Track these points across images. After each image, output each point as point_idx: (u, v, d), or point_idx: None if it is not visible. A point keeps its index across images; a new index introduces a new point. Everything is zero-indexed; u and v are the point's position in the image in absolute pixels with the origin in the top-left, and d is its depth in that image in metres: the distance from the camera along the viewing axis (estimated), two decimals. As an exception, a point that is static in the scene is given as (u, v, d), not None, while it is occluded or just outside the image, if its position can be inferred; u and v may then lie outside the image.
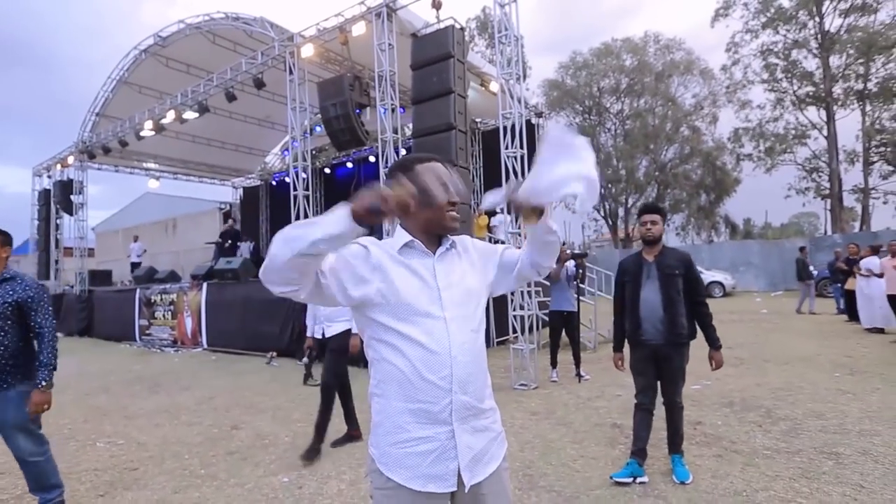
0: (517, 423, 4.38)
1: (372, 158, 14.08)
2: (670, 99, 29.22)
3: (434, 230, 1.31)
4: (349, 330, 3.86)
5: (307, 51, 8.63)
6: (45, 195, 15.41)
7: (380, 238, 1.37)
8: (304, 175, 9.28)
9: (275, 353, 8.22)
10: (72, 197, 14.30)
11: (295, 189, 9.00)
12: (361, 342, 1.37)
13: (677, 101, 29.33)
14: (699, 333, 3.13)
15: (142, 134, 11.97)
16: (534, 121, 12.22)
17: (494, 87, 8.59)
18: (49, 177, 15.51)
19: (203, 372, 7.73)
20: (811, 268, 11.63)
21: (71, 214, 14.52)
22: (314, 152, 15.49)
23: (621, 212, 30.41)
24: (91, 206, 14.56)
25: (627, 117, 30.39)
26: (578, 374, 5.95)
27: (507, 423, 4.31)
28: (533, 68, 32.87)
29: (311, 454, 3.62)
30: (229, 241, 13.50)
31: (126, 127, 12.35)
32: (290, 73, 8.86)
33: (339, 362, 3.88)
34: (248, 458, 3.75)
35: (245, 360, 8.48)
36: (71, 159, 14.30)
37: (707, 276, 17.02)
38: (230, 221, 15.68)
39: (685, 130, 29.24)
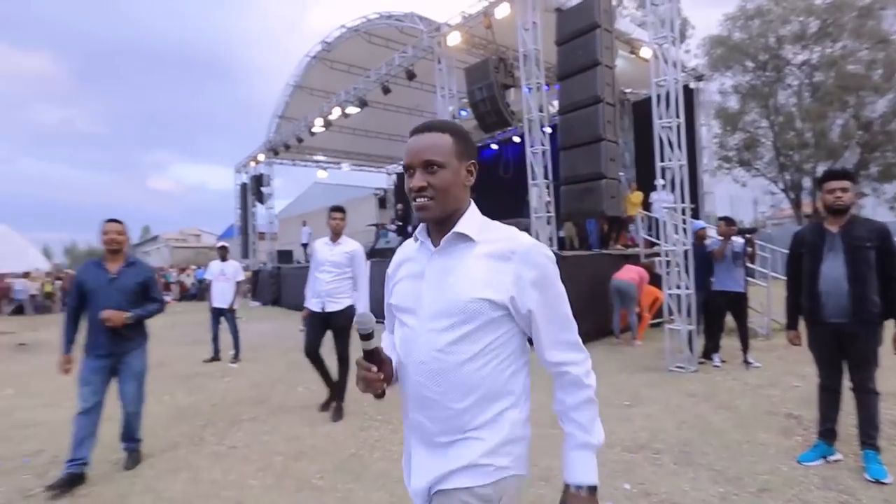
0: (672, 402, 4.22)
1: (516, 139, 14.16)
2: (881, 39, 23.56)
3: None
4: (352, 306, 4.20)
5: (453, 39, 9.00)
6: (243, 188, 18.67)
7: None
8: (451, 159, 9.75)
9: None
10: (262, 188, 17.11)
11: (443, 172, 9.53)
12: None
13: (892, 41, 23.56)
14: None
15: (313, 130, 13.77)
16: (692, 85, 11.08)
17: (646, 52, 8.00)
18: (245, 172, 18.71)
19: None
20: None
21: (262, 203, 17.40)
22: (459, 136, 16.10)
23: (807, 183, 25.68)
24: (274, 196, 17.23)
25: (817, 68, 25.37)
26: (746, 361, 5.44)
27: (661, 402, 4.20)
28: (696, 27, 29.09)
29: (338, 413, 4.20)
30: (401, 223, 15.20)
31: (301, 126, 14.31)
32: (439, 62, 9.35)
33: (346, 337, 4.25)
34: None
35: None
36: (261, 157, 17.06)
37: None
38: (400, 205, 17.33)
39: (901, 77, 23.48)
